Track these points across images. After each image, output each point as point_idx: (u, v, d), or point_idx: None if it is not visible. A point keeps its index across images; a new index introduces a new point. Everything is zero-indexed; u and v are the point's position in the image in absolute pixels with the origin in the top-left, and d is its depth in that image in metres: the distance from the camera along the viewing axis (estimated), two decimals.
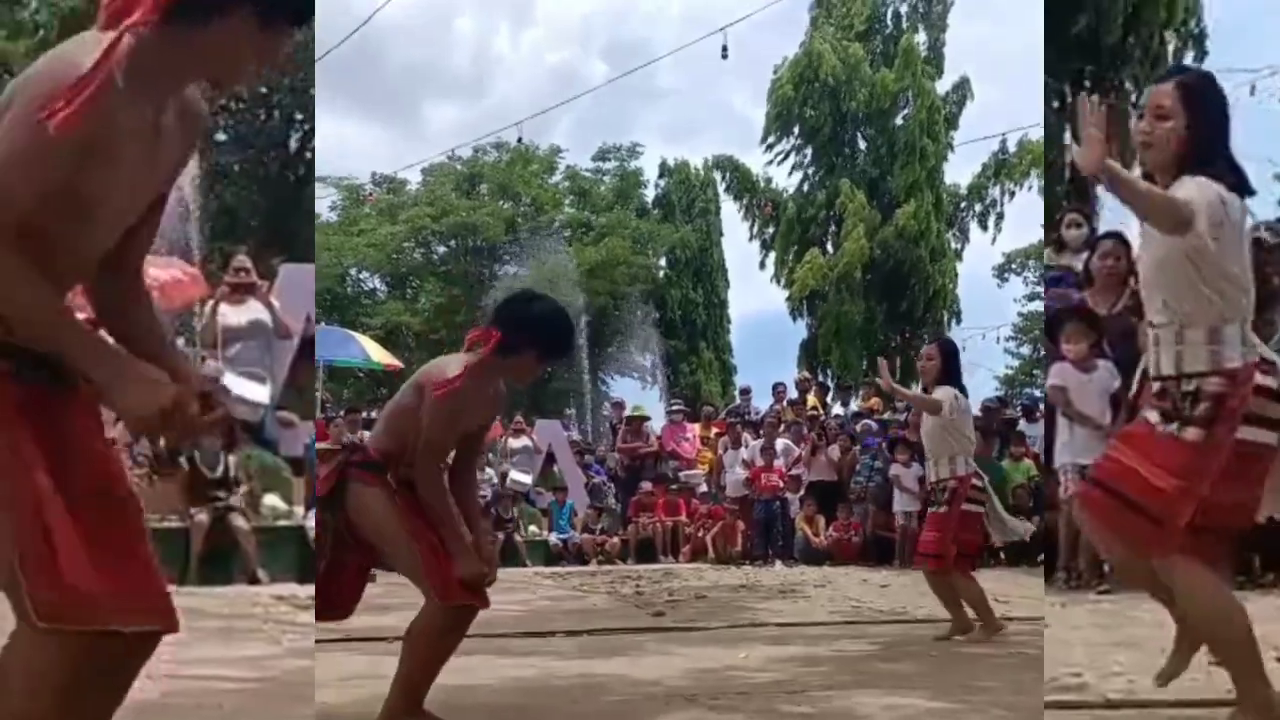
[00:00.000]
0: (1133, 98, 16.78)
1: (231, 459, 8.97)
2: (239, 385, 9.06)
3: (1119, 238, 7.14)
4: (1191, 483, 2.88)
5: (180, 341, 10.66)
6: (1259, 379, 2.90)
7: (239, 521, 8.70)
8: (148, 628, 1.97)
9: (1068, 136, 16.22)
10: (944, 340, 6.60)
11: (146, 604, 1.97)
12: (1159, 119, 2.95)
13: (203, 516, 8.57)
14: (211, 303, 9.35)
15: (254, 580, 8.37)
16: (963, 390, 6.13)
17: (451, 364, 3.52)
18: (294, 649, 5.36)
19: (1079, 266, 7.45)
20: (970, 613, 5.93)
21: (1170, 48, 17.34)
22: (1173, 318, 2.96)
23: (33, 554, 1.86)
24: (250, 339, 9.23)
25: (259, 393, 9.21)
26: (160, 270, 9.88)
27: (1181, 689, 3.48)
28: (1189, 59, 17.48)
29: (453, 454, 3.64)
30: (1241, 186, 2.97)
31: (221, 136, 21.93)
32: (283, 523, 9.12)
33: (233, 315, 9.20)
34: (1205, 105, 2.99)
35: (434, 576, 3.35)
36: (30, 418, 1.92)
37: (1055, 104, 16.25)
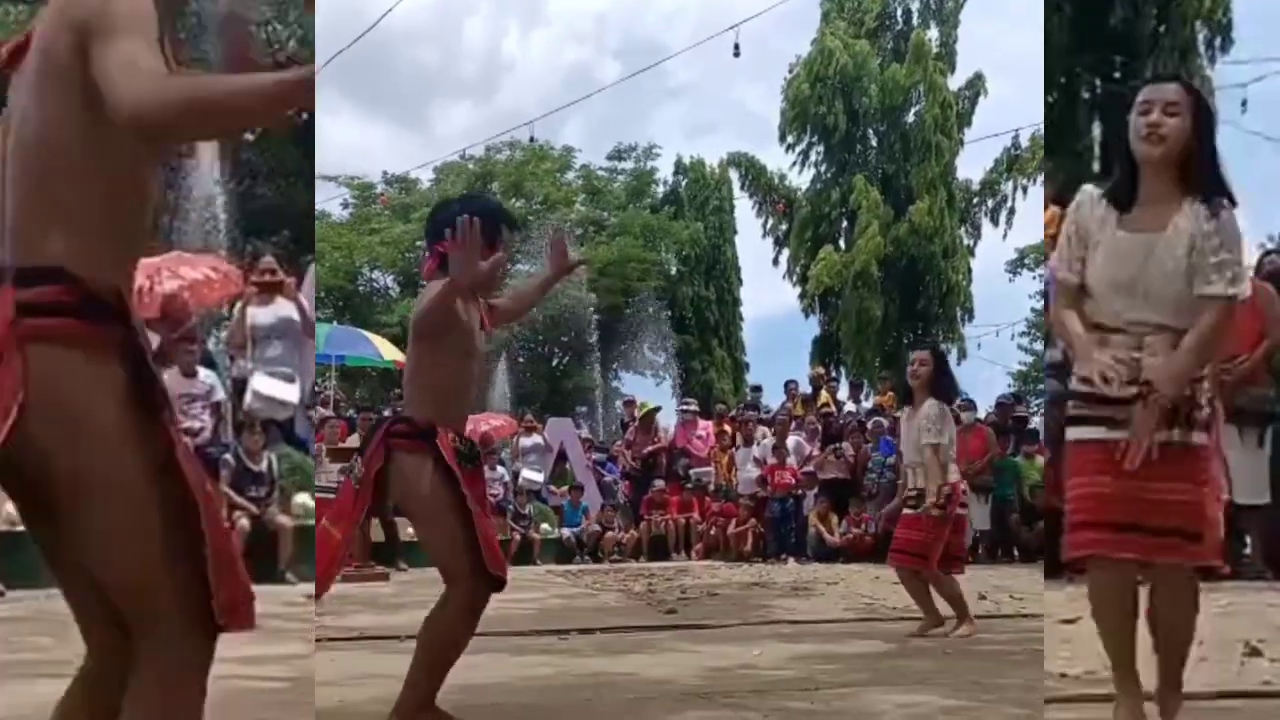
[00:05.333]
0: None
1: (271, 455, 8.95)
2: (269, 385, 9.03)
3: None
4: (1213, 486, 2.90)
5: (210, 341, 10.68)
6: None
7: (281, 518, 8.66)
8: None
9: (1096, 128, 16.24)
10: (934, 346, 6.66)
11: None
12: (1170, 115, 2.94)
13: (244, 522, 8.50)
14: (240, 304, 9.33)
15: (283, 580, 8.31)
16: (955, 393, 6.14)
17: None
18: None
19: None
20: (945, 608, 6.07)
21: (1200, 38, 17.37)
22: (1165, 327, 2.97)
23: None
24: (279, 338, 9.19)
25: (289, 392, 9.17)
26: (190, 269, 9.88)
27: (1217, 681, 3.50)
28: (1216, 49, 17.57)
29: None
30: (1230, 198, 2.99)
31: (249, 135, 21.92)
32: (313, 522, 9.08)
33: (261, 315, 9.17)
34: (1207, 110, 3.03)
35: (476, 552, 3.28)
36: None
37: (1085, 95, 16.23)
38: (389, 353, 17.27)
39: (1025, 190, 26.43)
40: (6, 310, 1.80)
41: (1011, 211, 26.90)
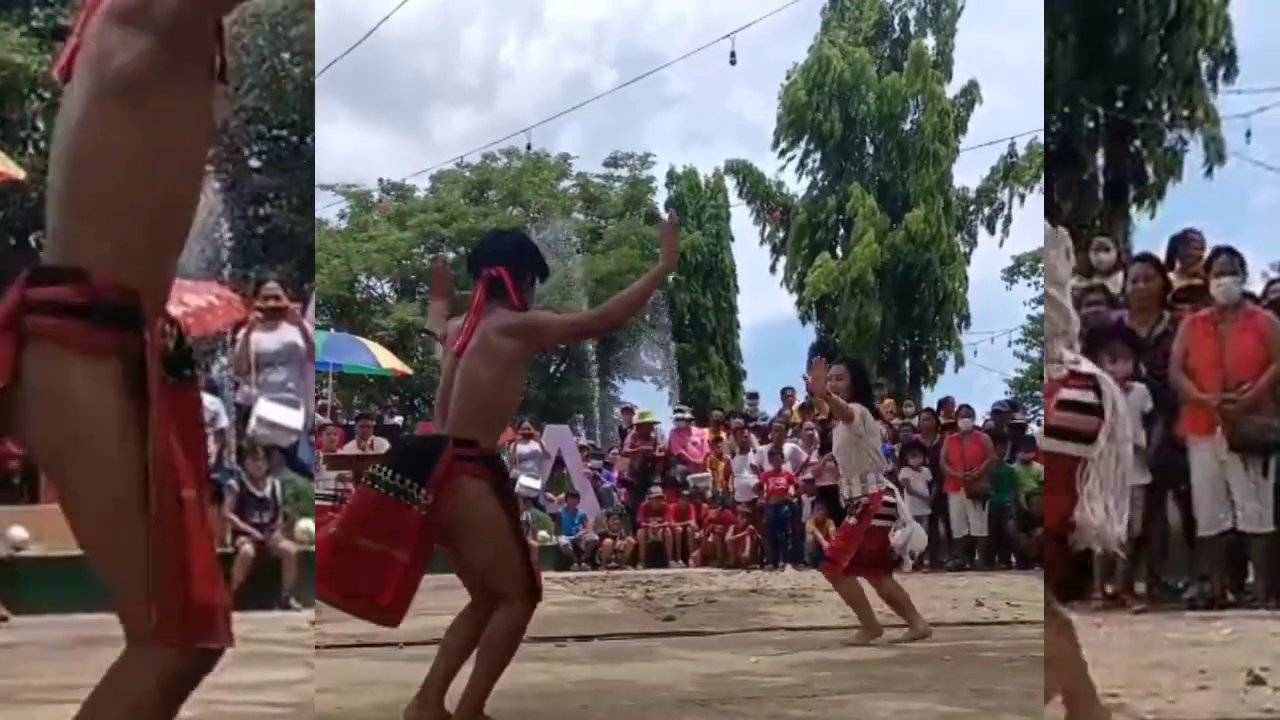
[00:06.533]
0: (1166, 116, 16.84)
1: (275, 481, 8.95)
2: (272, 411, 9.00)
3: (1152, 260, 7.18)
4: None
5: (215, 368, 10.68)
6: (1064, 393, 2.98)
7: (285, 544, 8.64)
8: (216, 645, 1.93)
9: (1100, 158, 16.35)
10: (851, 361, 6.95)
11: (225, 618, 1.94)
12: None
13: (248, 548, 8.47)
14: (244, 330, 9.31)
15: (286, 606, 8.26)
16: (874, 410, 6.37)
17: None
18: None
19: (1112, 289, 7.43)
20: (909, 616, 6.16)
21: (1204, 68, 17.39)
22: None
23: (169, 566, 1.83)
24: (284, 363, 9.16)
25: (293, 418, 9.12)
26: (193, 295, 9.87)
27: (1220, 709, 3.53)
28: (1220, 78, 17.59)
29: None
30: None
31: (255, 163, 21.95)
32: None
33: (265, 340, 9.14)
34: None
35: (535, 576, 3.53)
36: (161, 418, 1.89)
37: (1090, 124, 16.31)
38: (386, 360, 17.26)
39: (1022, 199, 26.49)
40: (10, 305, 1.89)
41: (1008, 219, 26.97)
